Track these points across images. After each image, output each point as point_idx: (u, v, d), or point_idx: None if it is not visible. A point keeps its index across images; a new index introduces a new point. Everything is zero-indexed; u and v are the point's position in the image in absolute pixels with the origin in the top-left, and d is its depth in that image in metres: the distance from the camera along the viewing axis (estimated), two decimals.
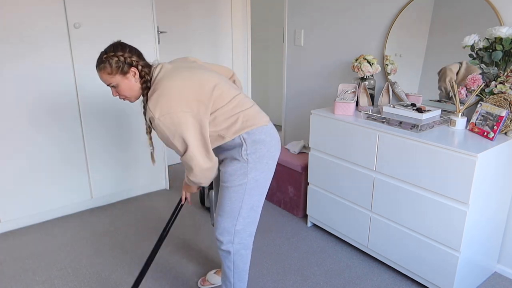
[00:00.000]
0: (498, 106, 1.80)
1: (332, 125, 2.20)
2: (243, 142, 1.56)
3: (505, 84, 1.79)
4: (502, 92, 1.81)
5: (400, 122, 1.96)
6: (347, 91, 2.35)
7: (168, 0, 3.29)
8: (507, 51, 1.79)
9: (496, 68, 1.84)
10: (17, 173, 2.49)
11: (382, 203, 2.03)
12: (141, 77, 1.56)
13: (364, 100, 2.33)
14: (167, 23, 3.32)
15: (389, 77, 2.39)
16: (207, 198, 2.62)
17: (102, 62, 1.50)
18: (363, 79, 2.35)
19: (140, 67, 1.55)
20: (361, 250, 2.32)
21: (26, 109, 2.43)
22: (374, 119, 2.08)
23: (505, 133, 1.83)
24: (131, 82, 1.55)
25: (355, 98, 2.29)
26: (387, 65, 2.39)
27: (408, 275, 2.06)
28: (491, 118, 1.78)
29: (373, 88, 2.38)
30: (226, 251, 1.68)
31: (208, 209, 2.69)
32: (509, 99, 1.78)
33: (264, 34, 4.68)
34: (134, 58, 1.54)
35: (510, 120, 1.80)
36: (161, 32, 3.27)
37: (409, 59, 2.30)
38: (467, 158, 1.64)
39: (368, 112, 2.12)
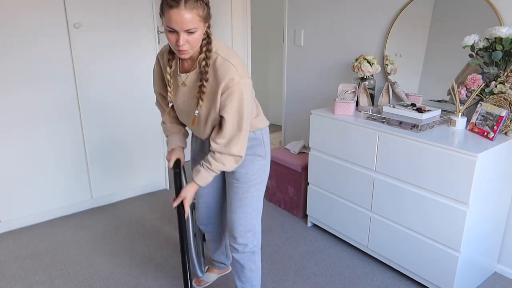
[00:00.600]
0: (498, 106, 1.80)
1: (332, 125, 2.20)
2: (262, 138, 1.58)
3: (505, 84, 1.79)
4: (502, 92, 1.81)
5: (400, 122, 1.96)
6: (347, 91, 2.34)
7: None
8: (507, 51, 1.79)
9: (496, 68, 1.84)
10: (17, 173, 2.49)
11: (382, 203, 2.03)
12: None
13: (364, 100, 2.33)
14: None
15: (389, 77, 2.39)
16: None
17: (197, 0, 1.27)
18: (363, 79, 2.35)
19: (210, 22, 1.38)
20: (361, 250, 2.32)
21: (26, 109, 2.43)
22: (374, 119, 2.08)
23: (505, 133, 1.83)
24: (202, 34, 1.35)
25: (355, 98, 2.29)
26: (387, 65, 2.39)
27: (408, 275, 2.06)
28: (491, 118, 1.78)
29: (373, 88, 2.38)
30: (250, 252, 1.66)
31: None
32: (509, 99, 1.78)
33: (264, 34, 4.68)
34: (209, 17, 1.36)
35: (510, 120, 1.80)
36: (161, 32, 3.27)
37: (409, 59, 2.30)
38: (467, 158, 1.64)
39: (368, 112, 2.12)
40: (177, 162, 1.64)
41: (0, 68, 2.30)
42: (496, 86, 1.82)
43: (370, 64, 2.27)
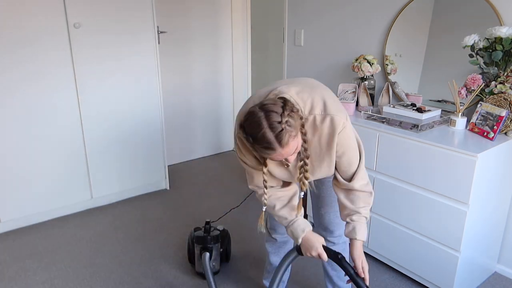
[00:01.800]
0: (498, 106, 1.80)
1: None
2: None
3: (505, 84, 1.79)
4: (502, 92, 1.81)
5: (400, 122, 1.96)
6: (347, 91, 2.35)
7: (168, 0, 3.28)
8: (507, 51, 1.79)
9: (496, 68, 1.84)
10: (17, 173, 2.49)
11: (382, 203, 2.03)
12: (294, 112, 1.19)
13: (364, 100, 2.33)
14: (167, 23, 3.32)
15: (389, 77, 2.39)
16: (198, 261, 2.05)
17: (282, 132, 1.10)
18: (363, 79, 2.35)
19: (294, 99, 1.24)
20: None
21: (26, 109, 2.43)
22: (374, 119, 2.08)
23: (505, 133, 1.83)
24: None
25: (355, 98, 2.29)
26: (387, 65, 2.39)
27: (408, 275, 2.06)
28: (491, 118, 1.78)
29: (373, 88, 2.38)
30: (343, 243, 1.68)
31: (202, 275, 2.09)
32: (509, 99, 1.78)
33: (264, 34, 4.68)
34: (290, 106, 1.16)
35: (510, 120, 1.80)
36: (161, 32, 3.27)
37: (409, 59, 2.30)
38: (467, 158, 1.64)
39: (368, 112, 2.12)
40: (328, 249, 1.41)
41: (0, 67, 2.30)
42: (496, 86, 1.82)
43: (370, 64, 2.27)
